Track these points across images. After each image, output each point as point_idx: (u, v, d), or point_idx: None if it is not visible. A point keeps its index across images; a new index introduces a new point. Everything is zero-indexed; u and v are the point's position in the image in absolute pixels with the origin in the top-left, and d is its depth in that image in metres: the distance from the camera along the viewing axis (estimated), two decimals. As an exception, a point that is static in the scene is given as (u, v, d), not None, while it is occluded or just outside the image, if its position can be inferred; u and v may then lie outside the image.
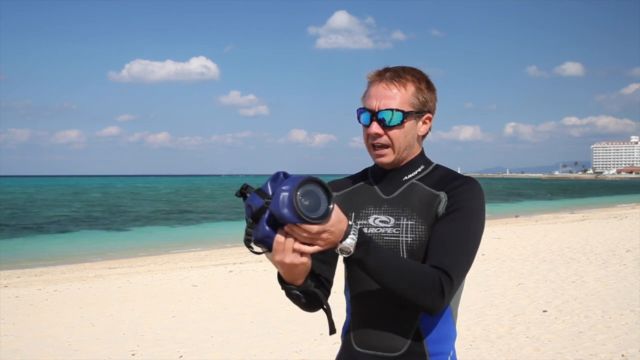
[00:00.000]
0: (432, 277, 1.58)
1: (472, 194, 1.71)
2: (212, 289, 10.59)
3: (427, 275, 1.58)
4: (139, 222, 34.09)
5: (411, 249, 1.71)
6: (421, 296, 1.57)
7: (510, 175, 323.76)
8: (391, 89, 1.74)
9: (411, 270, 1.58)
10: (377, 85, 1.76)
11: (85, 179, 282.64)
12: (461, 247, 1.65)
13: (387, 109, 1.72)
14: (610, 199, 53.37)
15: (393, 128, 1.73)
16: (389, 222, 1.76)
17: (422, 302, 1.58)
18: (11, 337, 7.47)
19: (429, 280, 1.57)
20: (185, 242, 22.48)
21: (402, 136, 1.75)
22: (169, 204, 54.42)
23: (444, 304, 1.59)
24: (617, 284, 8.54)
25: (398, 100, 1.73)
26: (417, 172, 1.81)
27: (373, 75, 1.79)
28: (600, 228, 17.82)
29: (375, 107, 1.74)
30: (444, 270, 1.59)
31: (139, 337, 7.19)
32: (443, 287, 1.58)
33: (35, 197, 68.49)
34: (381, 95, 1.74)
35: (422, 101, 1.77)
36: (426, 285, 1.57)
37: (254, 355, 6.18)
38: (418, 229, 1.72)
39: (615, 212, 29.40)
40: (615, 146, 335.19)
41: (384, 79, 1.76)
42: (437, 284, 1.57)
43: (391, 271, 1.57)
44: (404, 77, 1.75)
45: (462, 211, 1.68)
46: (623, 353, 5.30)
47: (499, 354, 5.59)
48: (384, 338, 1.73)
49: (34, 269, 15.87)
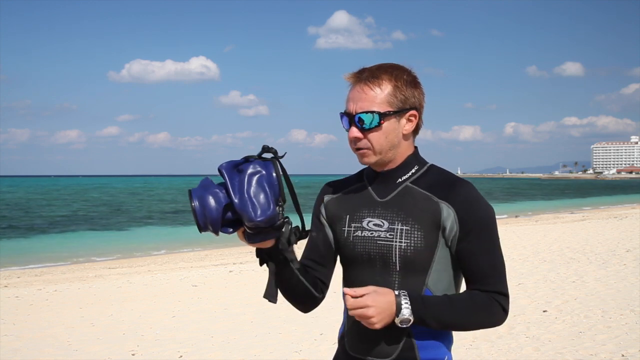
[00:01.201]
0: (491, 302, 1.69)
1: (478, 201, 1.72)
2: (212, 289, 10.59)
3: (486, 305, 1.69)
4: (139, 222, 34.08)
5: (404, 254, 1.69)
6: (489, 323, 1.72)
7: (510, 175, 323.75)
8: (366, 91, 1.70)
9: (470, 306, 1.68)
10: (354, 88, 1.73)
11: (85, 179, 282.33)
12: (497, 261, 1.73)
13: (363, 111, 1.69)
14: (610, 199, 53.34)
15: (371, 130, 1.70)
16: (382, 226, 1.74)
17: (492, 325, 1.73)
18: (11, 337, 7.47)
19: (490, 308, 1.69)
20: (185, 242, 22.45)
21: (381, 137, 1.71)
22: (169, 203, 54.40)
23: (507, 316, 1.73)
24: (617, 284, 8.54)
25: (374, 101, 1.69)
26: (411, 173, 1.78)
27: (350, 77, 1.75)
28: (600, 228, 17.81)
29: (353, 110, 1.71)
30: (499, 292, 1.71)
31: (139, 337, 7.19)
32: (503, 306, 1.71)
33: (35, 197, 68.44)
34: (357, 98, 1.71)
35: (401, 99, 1.71)
36: (489, 313, 1.69)
37: (254, 355, 6.18)
38: (413, 235, 1.70)
39: (615, 212, 29.38)
40: (615, 146, 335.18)
41: (360, 80, 1.72)
42: (497, 306, 1.70)
43: (453, 318, 1.67)
44: (379, 77, 1.71)
45: (481, 225, 1.71)
46: (623, 353, 5.30)
47: (499, 354, 5.59)
48: (375, 343, 1.73)
49: (34, 269, 15.87)
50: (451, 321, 1.66)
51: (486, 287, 1.69)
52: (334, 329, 6.78)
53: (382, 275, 1.72)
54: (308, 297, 1.80)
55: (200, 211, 1.56)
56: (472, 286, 1.72)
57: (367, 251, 1.75)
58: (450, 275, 1.75)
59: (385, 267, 1.72)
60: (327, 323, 7.01)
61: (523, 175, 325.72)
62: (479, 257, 1.69)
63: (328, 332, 6.71)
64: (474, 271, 1.70)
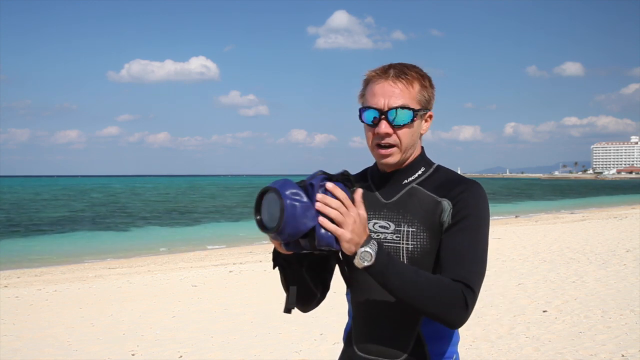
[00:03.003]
0: (455, 291, 1.55)
1: (477, 199, 1.67)
2: (212, 289, 10.59)
3: (450, 290, 1.54)
4: (139, 222, 34.08)
5: (412, 256, 1.67)
6: (445, 311, 1.55)
7: (510, 175, 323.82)
8: (398, 86, 1.67)
9: (433, 284, 1.55)
10: (383, 83, 1.68)
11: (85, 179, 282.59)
12: (476, 257, 1.62)
13: (397, 106, 1.66)
14: (610, 199, 53.36)
15: (403, 127, 1.67)
16: (388, 228, 1.71)
17: (447, 316, 1.55)
18: (11, 337, 7.47)
19: (453, 295, 1.54)
20: (185, 242, 22.48)
21: (409, 135, 1.69)
22: (168, 204, 54.41)
23: (467, 317, 1.57)
24: (617, 284, 8.54)
25: (406, 97, 1.67)
26: (418, 174, 1.75)
27: (375, 72, 1.71)
28: (600, 228, 17.82)
29: (384, 105, 1.66)
30: (465, 283, 1.57)
31: (139, 337, 7.19)
32: (466, 300, 1.55)
33: (35, 197, 68.45)
34: (389, 93, 1.66)
35: (427, 99, 1.72)
36: (450, 299, 1.54)
37: (254, 355, 6.18)
38: (419, 237, 1.67)
39: (615, 212, 29.39)
40: (615, 146, 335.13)
41: (389, 76, 1.68)
42: (461, 297, 1.55)
43: (413, 285, 1.54)
44: (409, 75, 1.69)
45: (470, 219, 1.64)
46: (623, 353, 5.30)
47: (499, 354, 5.59)
48: (384, 343, 1.71)
49: (34, 269, 15.87)
50: (409, 289, 1.53)
51: (454, 276, 1.57)
52: (334, 329, 6.78)
53: None
54: (311, 297, 1.78)
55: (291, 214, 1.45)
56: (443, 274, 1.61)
57: None
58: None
59: None
60: (327, 323, 7.02)
61: (523, 175, 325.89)
62: (456, 246, 1.62)
63: (328, 332, 6.71)
64: (447, 258, 1.61)
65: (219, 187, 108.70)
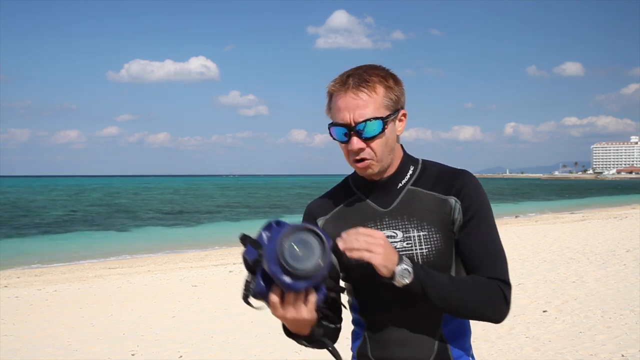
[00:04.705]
0: (494, 289, 1.56)
1: (477, 189, 1.66)
2: (212, 289, 10.59)
3: (489, 289, 1.55)
4: (139, 222, 34.07)
5: (428, 260, 1.60)
6: (490, 311, 1.56)
7: (510, 175, 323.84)
8: (361, 96, 1.56)
9: (473, 287, 1.55)
10: (344, 96, 1.57)
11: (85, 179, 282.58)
12: (498, 249, 1.63)
13: (365, 119, 1.56)
14: (610, 199, 53.32)
15: (375, 139, 1.58)
16: (396, 237, 1.63)
17: (492, 316, 1.57)
18: (11, 337, 7.47)
19: (493, 294, 1.55)
20: (185, 242, 22.47)
21: (383, 145, 1.60)
22: (168, 204, 54.40)
23: (509, 311, 1.58)
24: (617, 284, 8.54)
25: (372, 107, 1.57)
26: (409, 175, 1.69)
27: (335, 85, 1.60)
28: (600, 228, 17.82)
29: (350, 120, 1.56)
30: (501, 279, 1.58)
31: (139, 337, 7.19)
32: (506, 296, 1.57)
33: (35, 197, 68.44)
34: (352, 106, 1.56)
35: (394, 100, 1.61)
36: (492, 299, 1.55)
37: (254, 355, 6.19)
38: (432, 239, 1.61)
39: (615, 212, 29.38)
40: (615, 146, 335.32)
41: (349, 87, 1.57)
42: (500, 294, 1.56)
43: (454, 293, 1.52)
44: (370, 81, 1.57)
45: (481, 212, 1.63)
46: (623, 353, 5.31)
47: (499, 354, 5.59)
48: (407, 349, 1.62)
49: (34, 269, 15.87)
50: (452, 297, 1.52)
51: (489, 274, 1.57)
52: (334, 329, 6.77)
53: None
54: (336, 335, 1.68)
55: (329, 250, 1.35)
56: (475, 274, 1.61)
57: None
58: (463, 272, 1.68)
59: None
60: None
61: (523, 175, 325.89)
62: (480, 244, 1.61)
63: None
64: (475, 258, 1.60)
65: (219, 187, 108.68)
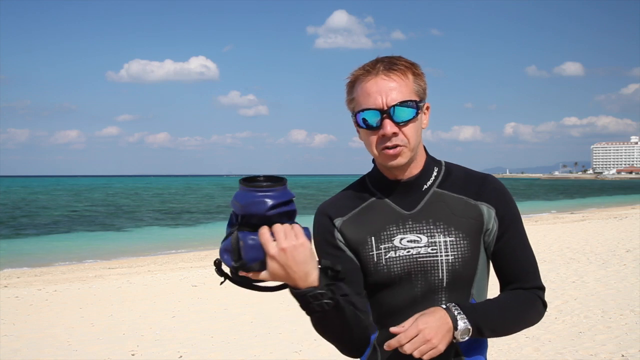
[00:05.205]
0: (535, 301, 1.60)
1: (507, 196, 1.64)
2: (212, 289, 10.59)
3: (530, 302, 1.60)
4: (139, 222, 34.09)
5: (453, 268, 1.55)
6: (533, 321, 1.63)
7: (510, 175, 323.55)
8: (393, 78, 1.51)
9: (518, 308, 1.57)
10: (374, 79, 1.51)
11: (85, 179, 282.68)
12: (534, 258, 1.65)
13: (399, 102, 1.50)
14: (610, 199, 53.32)
15: (408, 123, 1.51)
16: (420, 241, 1.56)
17: (534, 323, 1.63)
18: (11, 337, 7.47)
19: (535, 305, 1.60)
20: (185, 242, 22.46)
21: (416, 131, 1.54)
22: (168, 204, 54.41)
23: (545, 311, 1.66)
24: (617, 284, 8.54)
25: (405, 90, 1.51)
26: (434, 176, 1.62)
27: (363, 70, 1.54)
28: (600, 228, 17.82)
29: (383, 103, 1.49)
30: (539, 287, 1.62)
31: (139, 337, 7.19)
32: (544, 302, 1.63)
33: (35, 197, 68.45)
34: (385, 89, 1.49)
35: (423, 88, 1.57)
36: (535, 310, 1.61)
37: (254, 355, 6.19)
38: (459, 245, 1.55)
39: (615, 212, 29.39)
40: (615, 146, 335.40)
41: (378, 71, 1.52)
42: (539, 302, 1.61)
43: (505, 322, 1.55)
44: (400, 65, 1.53)
45: (516, 221, 1.63)
46: (623, 353, 5.31)
47: (499, 354, 5.59)
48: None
49: (34, 269, 15.86)
50: (504, 325, 1.54)
51: (527, 284, 1.60)
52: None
53: (425, 294, 1.56)
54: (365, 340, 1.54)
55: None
56: (513, 285, 1.60)
57: (406, 272, 1.56)
58: (487, 280, 1.65)
59: (429, 285, 1.56)
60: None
61: (523, 175, 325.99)
62: (517, 253, 1.60)
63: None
64: (514, 269, 1.60)
65: (218, 187, 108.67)
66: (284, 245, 1.29)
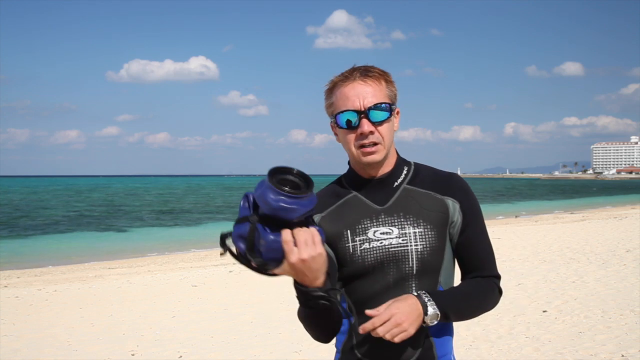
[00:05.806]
0: (492, 287, 1.76)
1: (469, 192, 1.80)
2: (212, 289, 10.60)
3: (488, 289, 1.75)
4: (139, 222, 34.08)
5: (422, 256, 1.70)
6: (490, 307, 1.78)
7: (510, 175, 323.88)
8: (369, 83, 1.70)
9: (478, 294, 1.73)
10: (352, 85, 1.70)
11: (85, 179, 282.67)
12: (490, 247, 1.81)
13: (374, 104, 1.68)
14: (610, 199, 53.30)
15: (383, 123, 1.70)
16: (392, 233, 1.71)
17: (490, 310, 1.79)
18: (11, 337, 7.48)
19: (492, 291, 1.76)
20: (185, 242, 22.46)
21: (389, 131, 1.72)
22: (168, 204, 54.42)
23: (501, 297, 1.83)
24: (617, 284, 8.54)
25: (379, 94, 1.70)
26: (404, 174, 1.78)
27: (341, 76, 1.73)
28: (600, 228, 17.82)
29: (360, 105, 1.68)
30: (496, 276, 1.78)
31: (139, 337, 7.19)
32: (500, 289, 1.79)
33: (35, 197, 68.47)
34: (362, 93, 1.68)
35: (394, 94, 1.75)
36: (492, 296, 1.77)
37: (254, 355, 6.19)
38: (428, 235, 1.71)
39: (615, 212, 29.40)
40: (615, 146, 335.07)
41: (355, 77, 1.71)
42: (496, 289, 1.78)
43: (468, 307, 1.71)
44: (374, 72, 1.72)
45: (477, 214, 1.78)
46: (623, 353, 5.31)
47: (499, 354, 5.59)
48: (394, 346, 1.66)
49: (34, 269, 15.86)
50: (467, 310, 1.71)
51: (485, 273, 1.76)
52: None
53: (397, 281, 1.70)
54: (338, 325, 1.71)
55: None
56: (473, 274, 1.77)
57: (379, 261, 1.70)
58: (453, 269, 1.80)
59: (400, 273, 1.70)
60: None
61: (523, 175, 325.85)
62: (477, 245, 1.77)
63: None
64: (474, 259, 1.76)
65: (218, 187, 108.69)
66: (304, 257, 1.41)
